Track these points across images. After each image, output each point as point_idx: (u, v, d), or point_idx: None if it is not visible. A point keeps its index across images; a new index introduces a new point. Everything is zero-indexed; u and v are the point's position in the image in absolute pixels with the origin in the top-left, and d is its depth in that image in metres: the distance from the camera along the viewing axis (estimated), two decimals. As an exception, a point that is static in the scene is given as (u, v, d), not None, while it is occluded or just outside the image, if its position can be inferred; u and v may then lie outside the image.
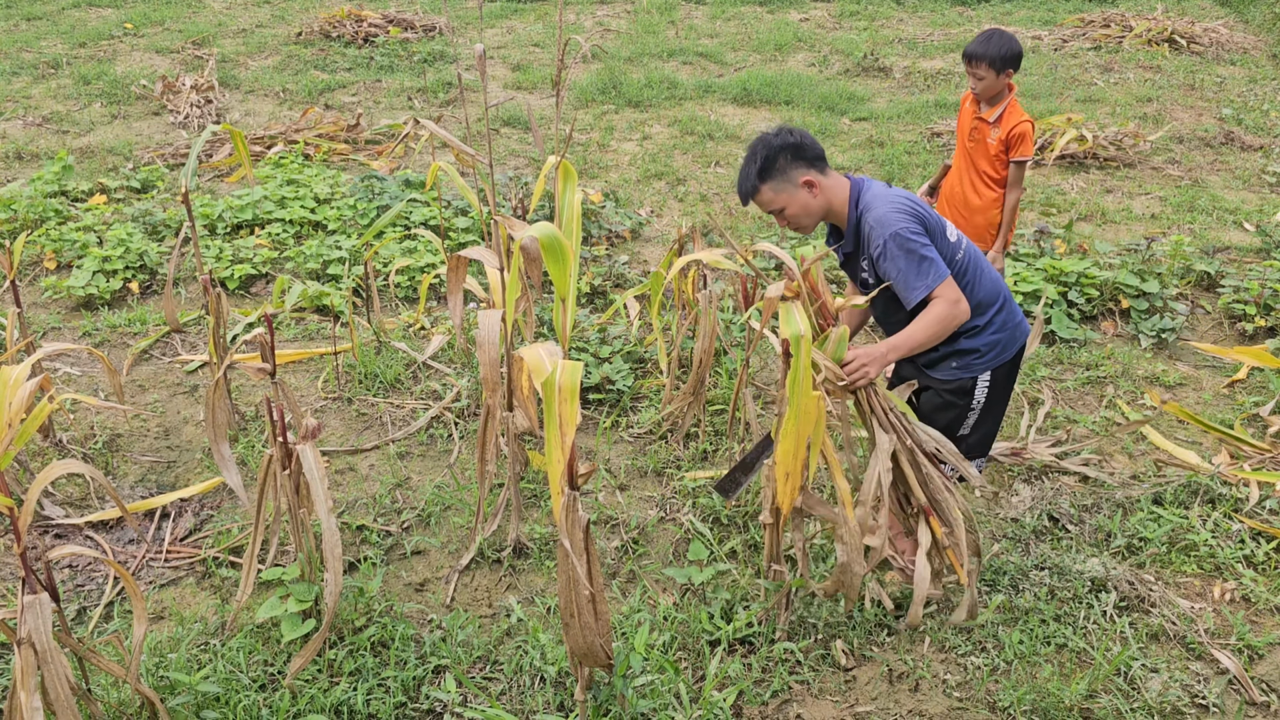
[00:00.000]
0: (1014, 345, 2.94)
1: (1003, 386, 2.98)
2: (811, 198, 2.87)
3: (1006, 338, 2.91)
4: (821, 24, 12.24)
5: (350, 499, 3.73)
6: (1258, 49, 10.69)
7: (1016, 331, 2.94)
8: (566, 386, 2.22)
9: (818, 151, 2.88)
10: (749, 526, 3.53)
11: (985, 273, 2.92)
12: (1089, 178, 7.17)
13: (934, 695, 2.86)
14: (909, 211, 2.78)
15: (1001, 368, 2.94)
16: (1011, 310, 2.95)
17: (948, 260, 2.83)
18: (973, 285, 2.87)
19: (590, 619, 2.35)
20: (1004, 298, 2.93)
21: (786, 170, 2.84)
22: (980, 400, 2.95)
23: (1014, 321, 2.94)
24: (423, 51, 10.25)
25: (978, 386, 2.94)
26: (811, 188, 2.86)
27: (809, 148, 2.86)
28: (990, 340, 2.89)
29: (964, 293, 2.81)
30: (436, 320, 5.08)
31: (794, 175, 2.84)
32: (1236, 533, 3.47)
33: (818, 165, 2.87)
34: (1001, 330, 2.90)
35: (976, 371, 2.92)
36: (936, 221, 2.88)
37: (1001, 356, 2.92)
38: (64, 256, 5.48)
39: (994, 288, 2.92)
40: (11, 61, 9.69)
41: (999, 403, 3.01)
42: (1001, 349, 2.91)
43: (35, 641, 2.17)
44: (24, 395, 2.27)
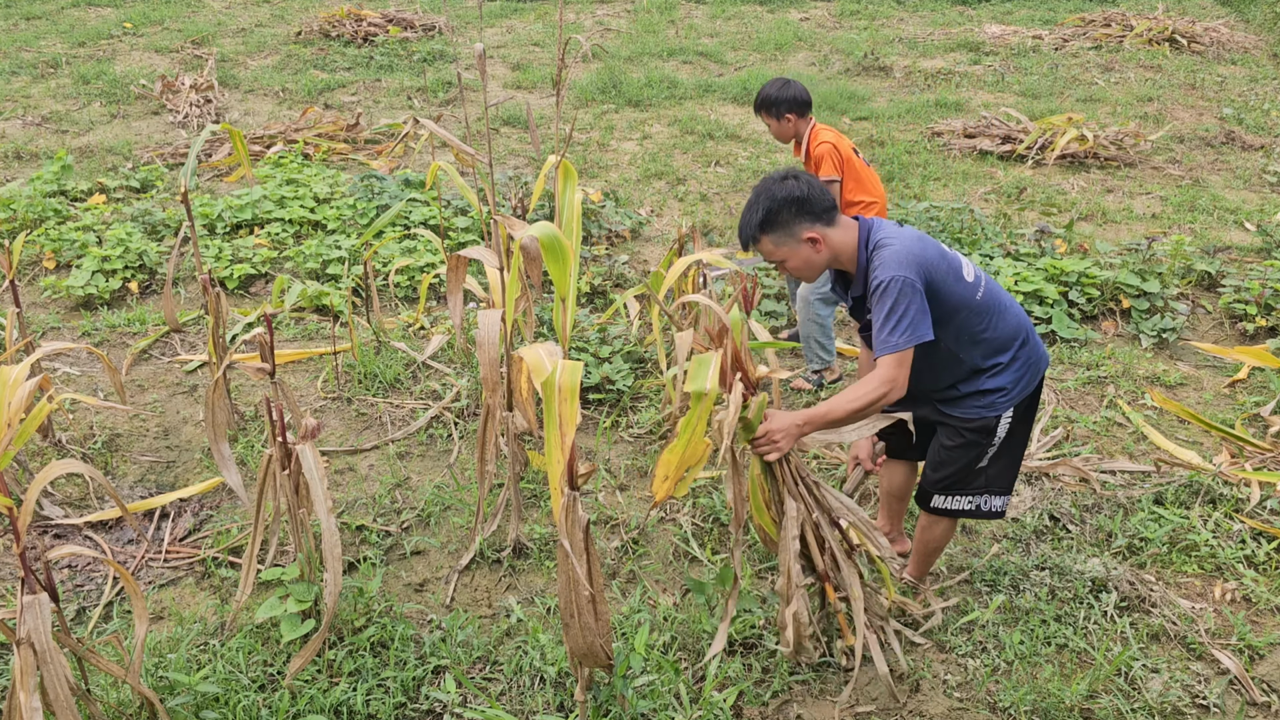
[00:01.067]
0: (1036, 378, 2.85)
1: (1024, 420, 2.87)
2: (815, 253, 2.72)
3: (1030, 373, 2.82)
4: (822, 23, 12.24)
5: (350, 499, 3.72)
6: (1258, 48, 10.68)
7: (1039, 364, 2.86)
8: (566, 386, 2.22)
9: (826, 204, 2.70)
10: (748, 528, 3.52)
11: (1007, 310, 2.79)
12: (1089, 177, 7.16)
13: (934, 695, 2.86)
14: (916, 259, 2.62)
15: (1023, 401, 2.85)
16: (1034, 344, 2.84)
17: (964, 302, 2.69)
18: (994, 324, 2.74)
19: (590, 619, 2.35)
20: (1026, 332, 2.81)
21: (790, 224, 2.69)
22: (1001, 436, 2.85)
23: (1036, 356, 2.84)
24: (422, 51, 10.25)
25: (1000, 424, 2.82)
26: (815, 243, 2.70)
27: (816, 200, 2.68)
28: (1014, 377, 2.78)
29: (983, 332, 2.72)
30: (436, 320, 5.07)
31: (797, 230, 2.68)
32: (1237, 533, 3.47)
33: (825, 218, 2.70)
34: (1025, 367, 2.79)
35: (1000, 410, 2.80)
36: (951, 264, 2.71)
37: (1024, 391, 2.82)
38: (63, 256, 5.47)
39: (1016, 324, 2.79)
40: (11, 61, 9.69)
41: (1020, 436, 2.89)
42: (1025, 385, 2.82)
43: (34, 641, 2.16)
44: (23, 395, 2.26)
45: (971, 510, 2.95)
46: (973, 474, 2.90)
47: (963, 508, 2.95)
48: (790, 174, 2.73)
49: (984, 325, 2.72)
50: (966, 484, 2.92)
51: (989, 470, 2.90)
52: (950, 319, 2.68)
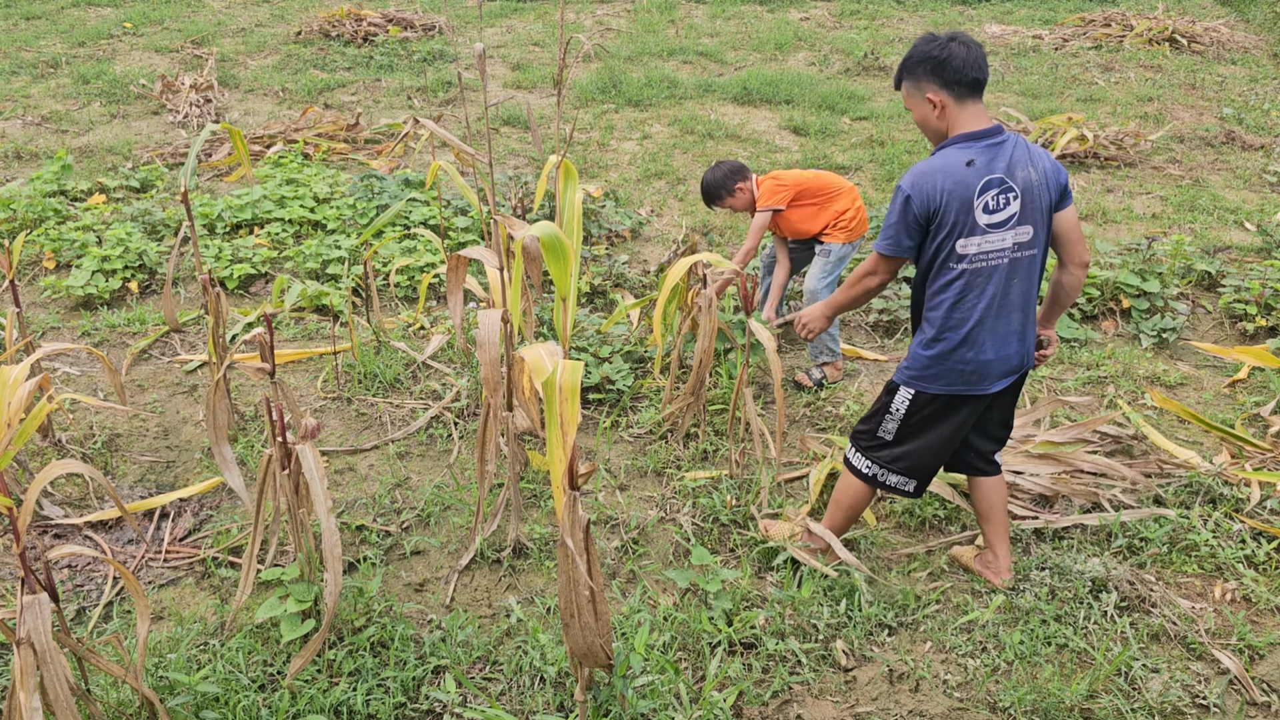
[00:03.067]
0: (947, 385, 2.86)
1: (931, 417, 2.91)
2: (934, 117, 2.83)
3: (940, 371, 2.84)
4: (822, 23, 12.24)
5: (350, 499, 3.72)
6: (1258, 48, 10.68)
7: (957, 377, 2.84)
8: (567, 386, 2.22)
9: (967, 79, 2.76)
10: (749, 526, 3.53)
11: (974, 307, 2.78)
12: (1090, 177, 7.16)
13: (934, 695, 2.86)
14: (923, 181, 2.74)
15: (929, 397, 2.89)
16: (959, 355, 2.81)
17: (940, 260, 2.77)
18: (947, 305, 2.81)
19: (590, 619, 2.35)
20: (959, 339, 2.80)
21: (918, 80, 2.82)
22: (899, 410, 2.93)
23: (958, 366, 2.83)
24: (422, 51, 10.25)
25: (899, 393, 2.94)
26: (934, 107, 2.81)
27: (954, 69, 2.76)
28: (925, 357, 2.86)
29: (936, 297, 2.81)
30: (436, 320, 5.07)
31: (924, 86, 2.81)
32: (1237, 533, 3.47)
33: (954, 90, 2.76)
34: (940, 361, 2.83)
35: (902, 379, 2.94)
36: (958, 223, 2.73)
37: (928, 383, 2.87)
38: (63, 256, 5.47)
39: (962, 323, 2.80)
40: (11, 61, 9.69)
41: (927, 431, 2.93)
42: (933, 376, 2.86)
43: (34, 641, 2.16)
44: (23, 395, 2.26)
45: (868, 477, 3.07)
46: (876, 439, 3.02)
47: (862, 469, 3.08)
48: (954, 36, 2.80)
49: (943, 295, 2.81)
50: (872, 449, 3.04)
51: (894, 447, 2.99)
52: (929, 259, 2.83)
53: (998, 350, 2.84)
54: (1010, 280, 2.81)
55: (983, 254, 2.77)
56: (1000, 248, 2.77)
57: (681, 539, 3.50)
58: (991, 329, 2.82)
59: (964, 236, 2.74)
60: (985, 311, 2.80)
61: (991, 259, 2.78)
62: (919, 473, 3.03)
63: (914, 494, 3.08)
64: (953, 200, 2.72)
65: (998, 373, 2.88)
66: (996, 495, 3.18)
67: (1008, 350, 2.86)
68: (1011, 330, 2.85)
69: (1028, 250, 2.82)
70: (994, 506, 3.18)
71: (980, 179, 2.72)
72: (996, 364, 2.86)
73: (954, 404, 2.92)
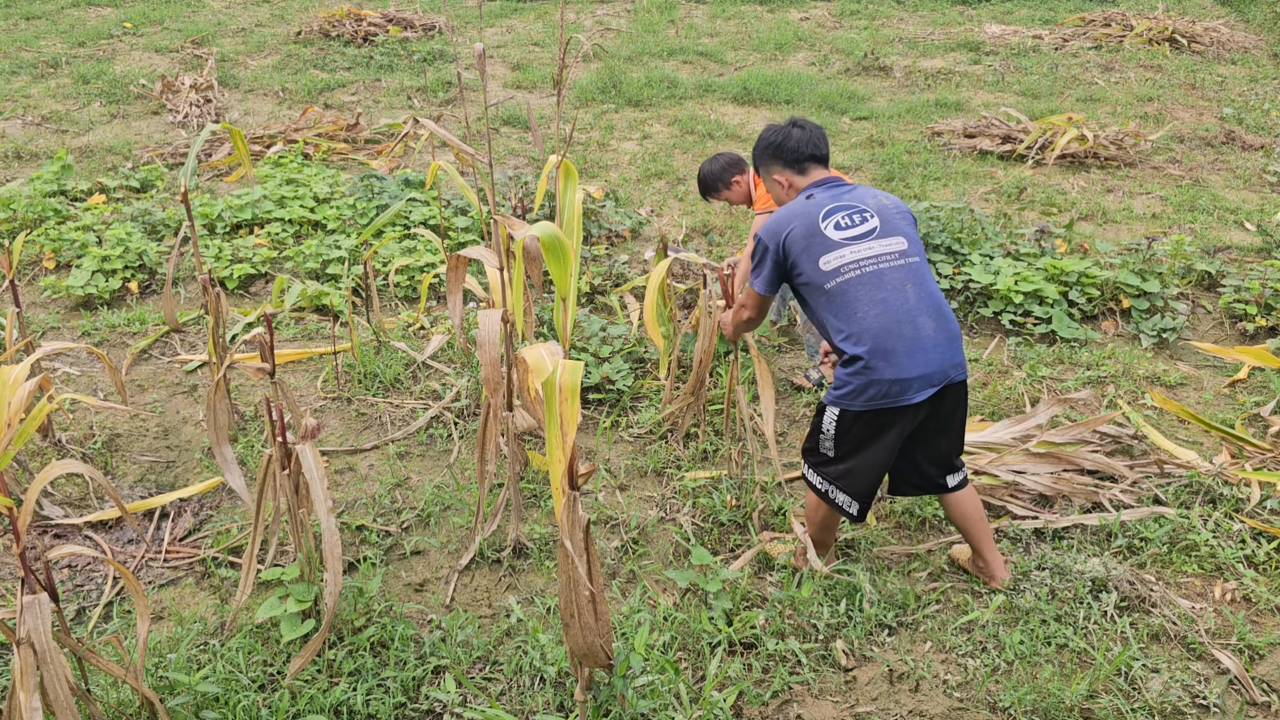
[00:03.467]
0: (868, 400, 2.84)
1: (856, 435, 2.91)
2: (783, 193, 3.26)
3: (857, 386, 2.83)
4: (822, 23, 12.24)
5: (350, 499, 3.72)
6: (1258, 48, 10.68)
7: (875, 389, 2.82)
8: (567, 386, 2.22)
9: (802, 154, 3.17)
10: (748, 528, 3.52)
11: (865, 317, 2.83)
12: (1090, 177, 7.16)
13: (934, 695, 2.86)
14: (776, 228, 2.99)
15: (853, 415, 2.89)
16: (873, 367, 2.81)
17: (811, 284, 2.94)
18: (837, 321, 2.90)
19: (590, 619, 2.35)
20: (863, 358, 2.81)
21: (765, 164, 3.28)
22: (829, 430, 2.96)
23: (873, 378, 2.81)
24: (422, 50, 10.25)
25: (826, 414, 2.96)
26: (783, 186, 3.25)
27: (790, 149, 3.18)
28: (842, 378, 2.89)
29: (826, 318, 2.93)
30: (436, 320, 5.07)
31: (771, 169, 3.27)
32: (1237, 533, 3.47)
33: (797, 167, 3.18)
34: (856, 376, 2.84)
35: (828, 400, 2.96)
36: (815, 249, 2.92)
37: (850, 401, 2.87)
38: (63, 256, 5.47)
39: (860, 335, 2.83)
40: (11, 61, 9.69)
41: (857, 451, 2.94)
42: (851, 394, 2.86)
43: (34, 641, 2.16)
44: (23, 395, 2.26)
45: (821, 493, 3.07)
46: (821, 455, 3.04)
47: (815, 484, 3.09)
48: (794, 121, 3.21)
49: (828, 314, 2.93)
50: (820, 464, 3.06)
51: (836, 464, 3.01)
52: (804, 291, 3.00)
53: (912, 358, 2.81)
54: (904, 287, 2.87)
55: (852, 264, 2.88)
56: (868, 256, 2.89)
57: (681, 539, 3.50)
58: (899, 336, 2.82)
59: (823, 254, 2.90)
60: (887, 320, 2.83)
61: (865, 266, 2.88)
62: (861, 494, 3.01)
63: (858, 518, 3.04)
64: (798, 226, 2.95)
65: (919, 382, 2.83)
66: (969, 506, 3.16)
67: (927, 357, 2.83)
68: (924, 336, 2.83)
69: (910, 257, 2.92)
70: (968, 517, 3.16)
71: (822, 207, 2.98)
72: (914, 368, 2.82)
73: (880, 420, 2.88)
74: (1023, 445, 3.88)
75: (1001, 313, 5.09)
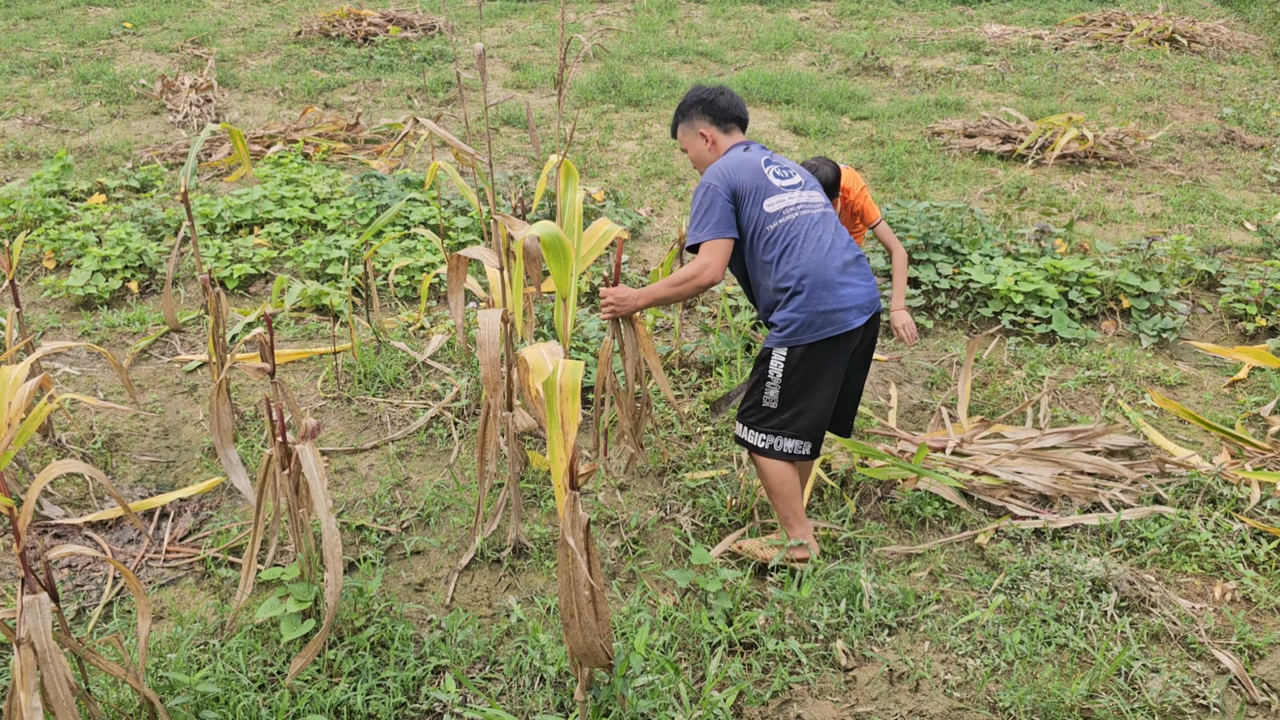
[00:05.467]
0: (815, 331, 3.01)
1: (808, 371, 3.06)
2: (706, 149, 3.32)
3: (804, 320, 3.01)
4: (822, 23, 12.24)
5: (350, 499, 3.72)
6: (1258, 48, 10.68)
7: (820, 320, 3.01)
8: (568, 386, 2.22)
9: (731, 114, 3.28)
10: (748, 529, 3.52)
11: (802, 253, 3.04)
12: (1090, 177, 7.16)
13: (934, 695, 2.86)
14: (725, 172, 3.11)
15: (803, 349, 3.03)
16: (816, 297, 3.01)
17: (756, 227, 3.08)
18: (777, 260, 3.07)
19: (590, 619, 2.35)
20: (805, 290, 3.01)
21: (692, 120, 3.31)
22: (777, 374, 3.07)
23: (818, 309, 3.01)
24: (422, 50, 10.25)
25: (773, 358, 3.07)
26: (708, 140, 3.30)
27: (722, 109, 3.27)
28: (786, 317, 3.03)
29: (768, 260, 3.06)
30: (436, 320, 5.07)
31: (697, 124, 3.32)
32: (1237, 532, 3.47)
33: (723, 125, 3.28)
34: (800, 311, 3.01)
35: (773, 344, 3.08)
36: (761, 190, 3.09)
37: (798, 337, 3.02)
38: (63, 256, 5.47)
39: (803, 270, 3.03)
40: (11, 61, 9.69)
41: (808, 388, 3.08)
42: (798, 329, 3.02)
43: (35, 641, 2.16)
44: (23, 395, 2.26)
45: (765, 449, 3.15)
46: (762, 410, 3.13)
47: (756, 444, 3.17)
48: (721, 89, 3.31)
49: (771, 254, 3.07)
50: (760, 421, 3.15)
51: (780, 414, 3.11)
52: (743, 236, 3.12)
53: (847, 288, 3.06)
54: (831, 230, 3.14)
55: (791, 207, 3.11)
56: (802, 202, 3.15)
57: (681, 539, 3.50)
58: (834, 268, 3.05)
59: (768, 197, 3.11)
60: (822, 254, 3.06)
61: (801, 210, 3.12)
62: (811, 431, 3.15)
63: (810, 455, 3.18)
64: (745, 173, 3.12)
65: (855, 306, 3.06)
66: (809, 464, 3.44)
67: (858, 286, 3.09)
68: (851, 270, 3.10)
69: (826, 208, 3.21)
70: (808, 468, 3.48)
71: (760, 155, 3.21)
72: (851, 297, 3.06)
73: (827, 350, 3.05)
74: (1022, 446, 3.88)
75: (1001, 313, 5.09)
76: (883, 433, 4.10)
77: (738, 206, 3.11)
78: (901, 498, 3.64)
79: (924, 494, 3.64)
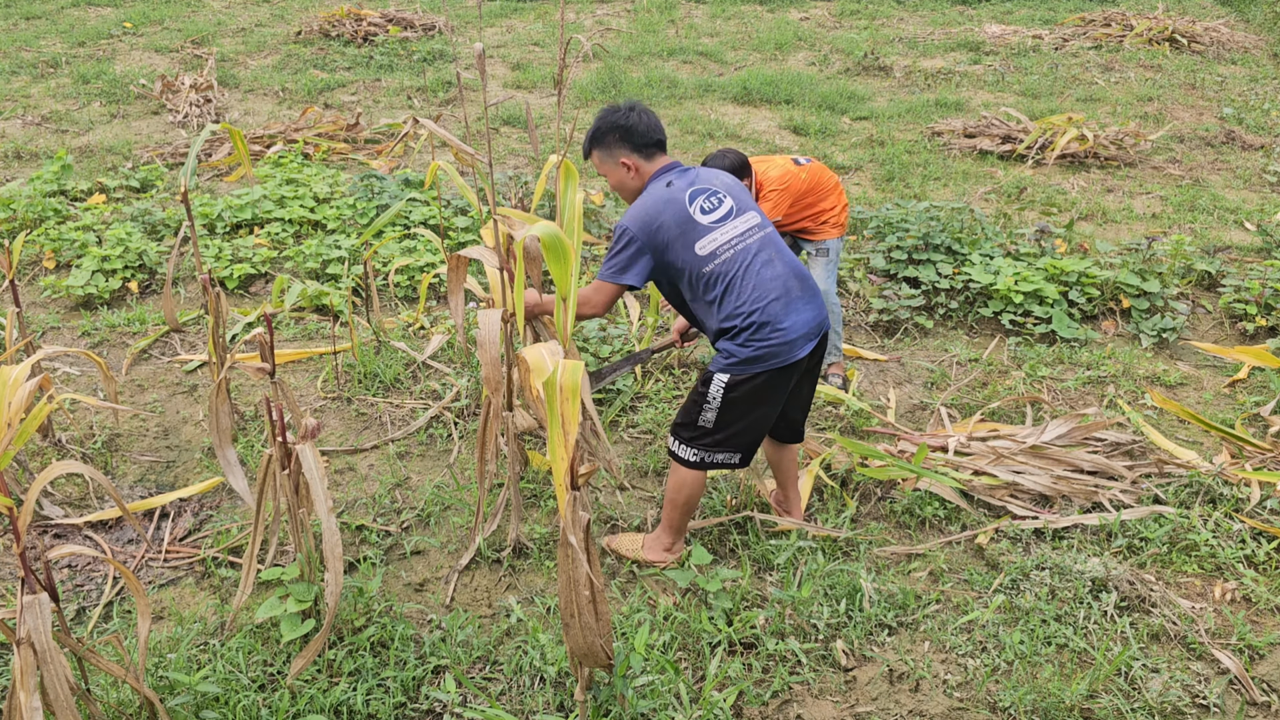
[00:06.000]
0: (760, 364, 2.99)
1: (748, 398, 3.04)
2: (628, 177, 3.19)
3: (749, 355, 2.98)
4: (822, 23, 12.24)
5: (350, 499, 3.72)
6: (1259, 48, 10.68)
7: (767, 353, 2.98)
8: (568, 386, 2.22)
9: (650, 139, 3.14)
10: (748, 529, 3.52)
11: (743, 291, 2.99)
12: (1090, 177, 7.16)
13: (934, 695, 2.86)
14: (645, 218, 3.03)
15: (743, 380, 3.01)
16: (762, 335, 2.97)
17: (691, 270, 3.02)
18: (720, 300, 3.02)
19: (590, 619, 2.35)
20: (751, 327, 2.97)
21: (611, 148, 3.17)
22: (716, 398, 3.06)
23: (765, 343, 2.98)
24: (422, 50, 10.25)
25: (713, 382, 3.05)
26: (629, 169, 3.17)
27: (640, 133, 3.13)
28: (732, 350, 3.01)
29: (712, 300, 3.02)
30: (436, 320, 5.07)
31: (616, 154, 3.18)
32: (1237, 532, 3.47)
33: (644, 152, 3.15)
34: (745, 346, 2.98)
35: (715, 369, 3.06)
36: (689, 235, 3.01)
37: (741, 369, 3.01)
38: (63, 256, 5.47)
39: (748, 308, 2.98)
40: (11, 60, 9.69)
41: (746, 413, 3.07)
42: (742, 362, 3.00)
43: (34, 641, 2.16)
44: (23, 395, 2.26)
45: (695, 463, 3.15)
46: (697, 429, 3.12)
47: (688, 458, 3.16)
48: (633, 106, 3.16)
49: (712, 294, 3.03)
50: (694, 438, 3.13)
51: (714, 434, 3.10)
52: (680, 277, 3.07)
53: (793, 318, 3.01)
54: (770, 257, 3.06)
55: (725, 245, 3.03)
56: (736, 234, 3.05)
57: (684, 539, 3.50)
58: (778, 300, 3.00)
59: (698, 240, 3.02)
60: (764, 289, 3.01)
61: (735, 245, 3.04)
62: (744, 447, 3.16)
63: (740, 464, 3.19)
64: (669, 217, 3.02)
65: (800, 336, 3.02)
66: (789, 457, 3.46)
67: (803, 315, 3.03)
68: (796, 297, 3.04)
69: (764, 229, 3.12)
70: (787, 465, 3.47)
71: (685, 191, 3.08)
72: (797, 327, 3.01)
73: (771, 379, 3.04)
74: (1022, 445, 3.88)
75: (1001, 313, 5.09)
76: (883, 431, 4.10)
77: (662, 253, 3.04)
78: (901, 498, 3.64)
79: (924, 494, 3.64)
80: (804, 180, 4.31)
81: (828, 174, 4.41)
